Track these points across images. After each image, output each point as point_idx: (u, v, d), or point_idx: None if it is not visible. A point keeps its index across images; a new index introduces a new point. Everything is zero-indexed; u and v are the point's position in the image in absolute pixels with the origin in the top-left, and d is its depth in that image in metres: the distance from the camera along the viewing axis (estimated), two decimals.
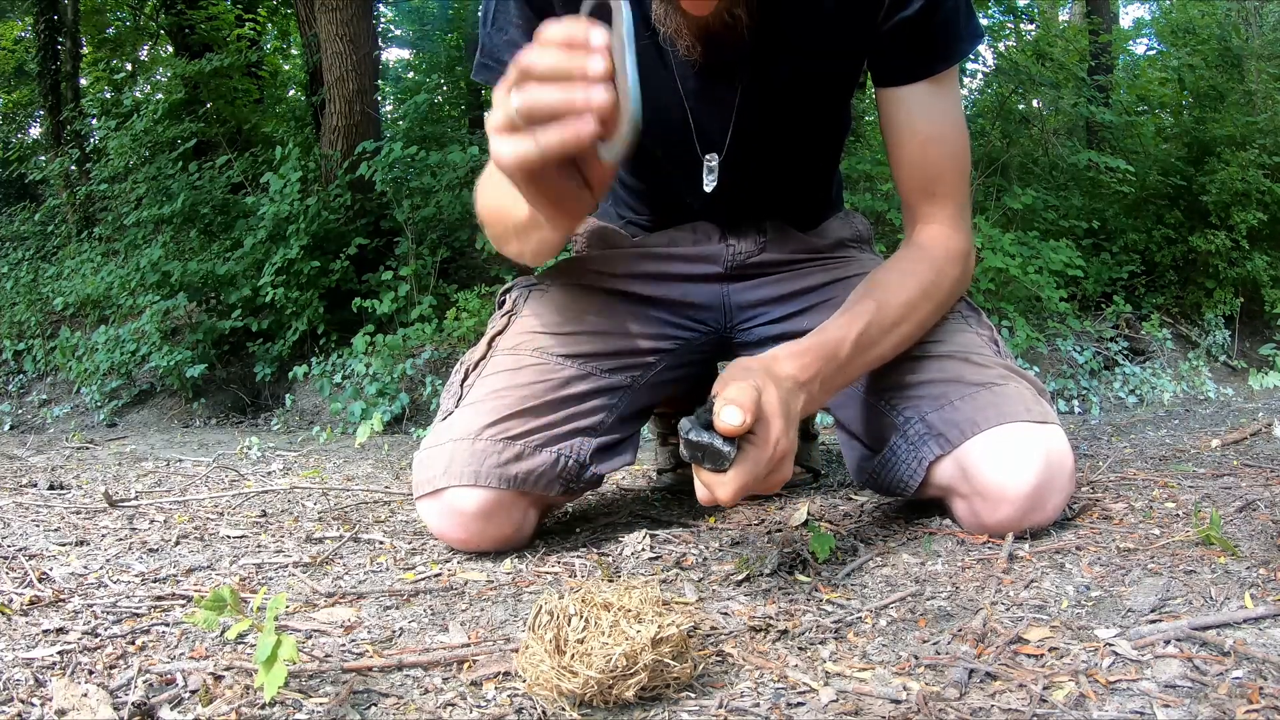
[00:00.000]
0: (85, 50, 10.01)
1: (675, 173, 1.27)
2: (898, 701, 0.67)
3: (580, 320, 1.27)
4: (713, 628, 0.84)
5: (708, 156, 1.22)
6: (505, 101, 0.76)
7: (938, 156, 1.18)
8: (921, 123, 1.16)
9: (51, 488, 1.80)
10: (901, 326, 1.13)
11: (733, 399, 0.86)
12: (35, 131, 11.39)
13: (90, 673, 0.75)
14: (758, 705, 0.68)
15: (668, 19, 1.06)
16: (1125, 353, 4.70)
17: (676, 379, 1.36)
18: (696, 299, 1.35)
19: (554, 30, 0.74)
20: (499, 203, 1.13)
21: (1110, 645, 0.74)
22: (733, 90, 1.17)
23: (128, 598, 0.96)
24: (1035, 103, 6.25)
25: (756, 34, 1.09)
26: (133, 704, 0.68)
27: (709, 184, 1.23)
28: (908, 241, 1.21)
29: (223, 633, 0.84)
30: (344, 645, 0.82)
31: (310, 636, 0.85)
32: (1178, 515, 1.15)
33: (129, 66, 10.85)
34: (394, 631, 0.87)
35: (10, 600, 0.95)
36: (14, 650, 0.80)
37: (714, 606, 0.91)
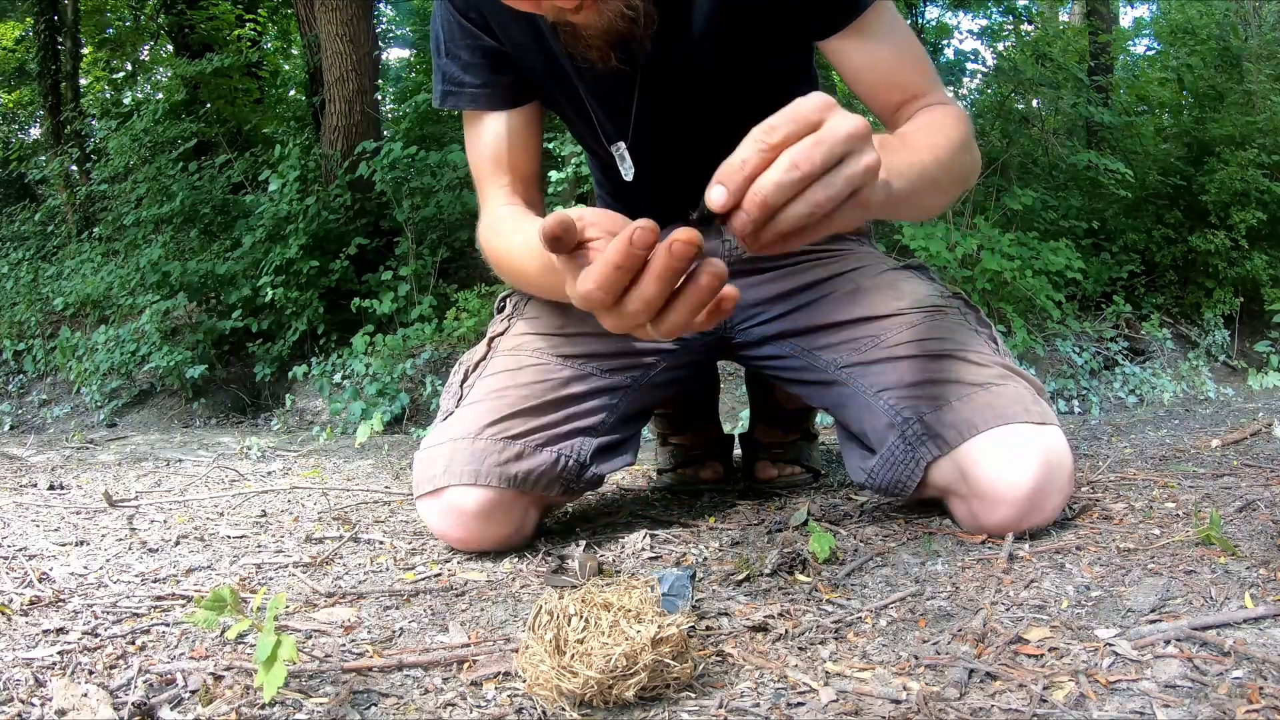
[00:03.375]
0: (85, 50, 10.01)
1: (613, 169, 1.27)
2: (898, 701, 0.67)
3: (580, 321, 1.27)
4: (712, 628, 0.84)
5: (614, 146, 1.23)
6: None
7: (903, 73, 1.14)
8: (873, 57, 1.13)
9: (51, 488, 1.80)
10: (939, 149, 1.01)
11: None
12: (35, 131, 11.39)
13: (90, 673, 0.75)
14: (758, 705, 0.68)
15: (563, 31, 1.07)
16: (1125, 353, 4.70)
17: (676, 379, 1.36)
18: None
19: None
20: (519, 268, 1.14)
21: (1110, 645, 0.74)
22: (632, 78, 1.15)
23: (128, 598, 0.96)
24: (1035, 103, 6.25)
25: (661, 21, 1.07)
26: (133, 704, 0.68)
27: (627, 172, 1.23)
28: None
29: (223, 633, 0.84)
30: (344, 645, 0.82)
31: (310, 636, 0.85)
32: (1178, 515, 1.15)
33: (129, 66, 10.86)
34: (394, 631, 0.87)
35: (10, 600, 0.95)
36: (14, 650, 0.80)
37: (714, 606, 0.91)
